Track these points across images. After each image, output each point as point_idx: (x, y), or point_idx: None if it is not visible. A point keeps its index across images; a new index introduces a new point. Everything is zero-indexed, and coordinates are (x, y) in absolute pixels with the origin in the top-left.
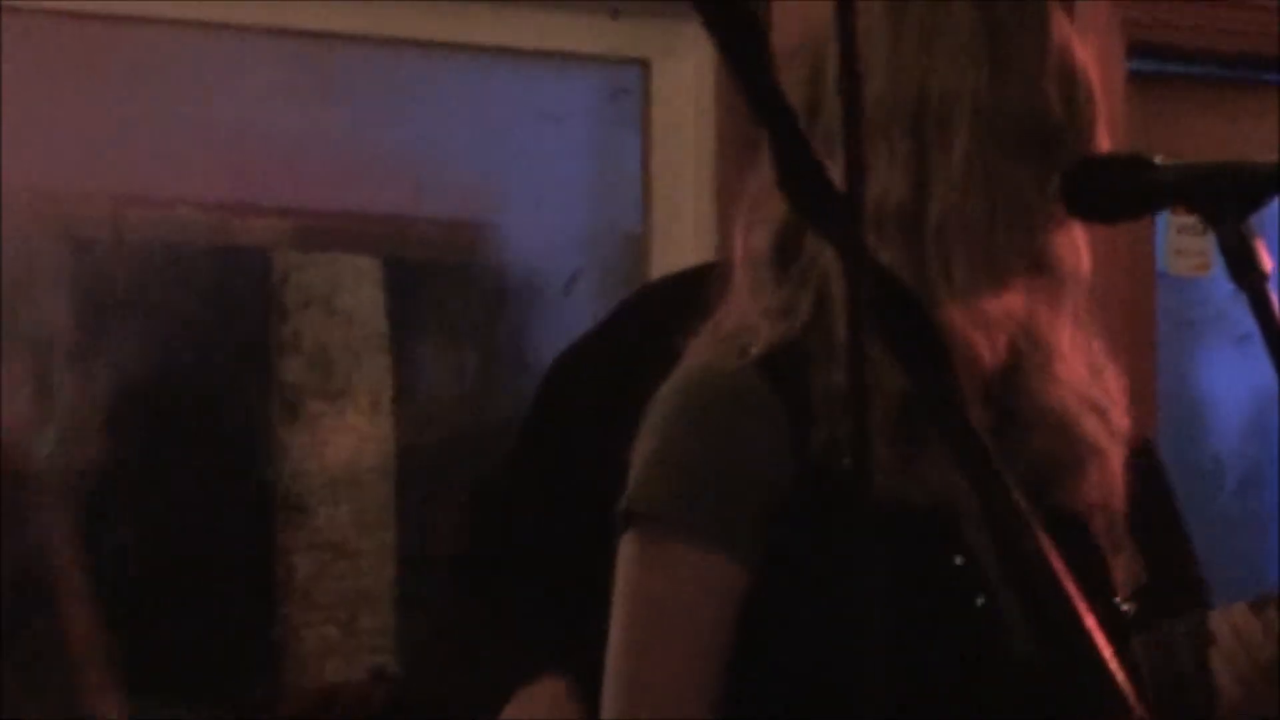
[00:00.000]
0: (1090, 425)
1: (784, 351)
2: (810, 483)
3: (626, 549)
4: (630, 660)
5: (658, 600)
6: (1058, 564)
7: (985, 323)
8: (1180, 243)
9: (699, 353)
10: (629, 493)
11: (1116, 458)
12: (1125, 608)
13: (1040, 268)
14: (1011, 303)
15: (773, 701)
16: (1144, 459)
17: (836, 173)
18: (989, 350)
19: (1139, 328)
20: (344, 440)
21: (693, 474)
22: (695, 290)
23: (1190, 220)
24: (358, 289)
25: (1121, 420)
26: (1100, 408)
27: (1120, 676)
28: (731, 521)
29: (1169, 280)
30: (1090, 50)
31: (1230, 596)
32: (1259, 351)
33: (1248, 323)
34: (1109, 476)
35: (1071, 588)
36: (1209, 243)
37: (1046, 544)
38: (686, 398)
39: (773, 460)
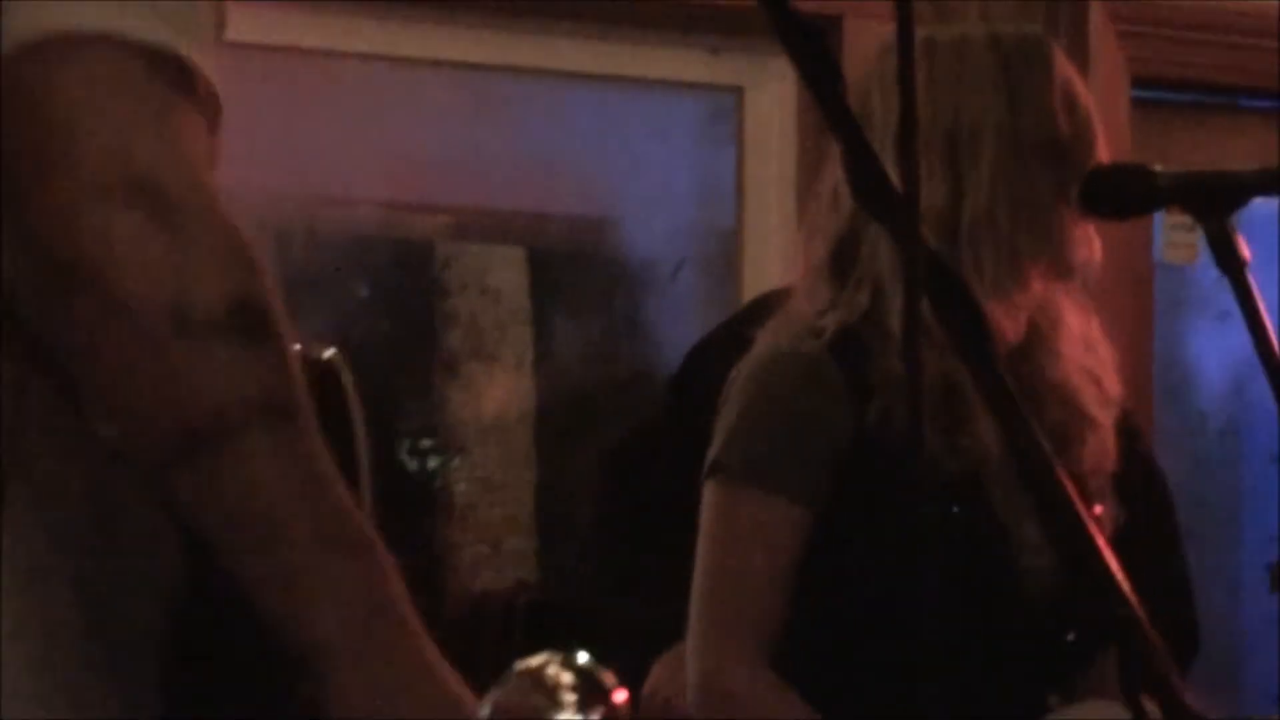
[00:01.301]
0: (1089, 395)
1: (847, 337)
2: (866, 446)
3: (710, 494)
4: (709, 579)
5: (733, 534)
6: (1079, 502)
7: (1011, 307)
8: (1173, 236)
9: (772, 338)
10: (716, 448)
11: (1109, 424)
12: None
13: (1059, 259)
14: (1034, 290)
15: (834, 613)
16: (1130, 432)
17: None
18: (1012, 330)
19: (1139, 306)
20: (493, 395)
21: (769, 435)
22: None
23: (1182, 218)
24: (505, 273)
25: (1113, 388)
26: (1095, 376)
27: (1130, 594)
28: (797, 473)
29: (1164, 267)
30: (1094, 86)
31: (1214, 516)
32: (1238, 325)
33: (1228, 302)
34: (1104, 443)
35: (1090, 522)
36: (1197, 236)
37: (1068, 484)
38: (768, 373)
39: (836, 426)
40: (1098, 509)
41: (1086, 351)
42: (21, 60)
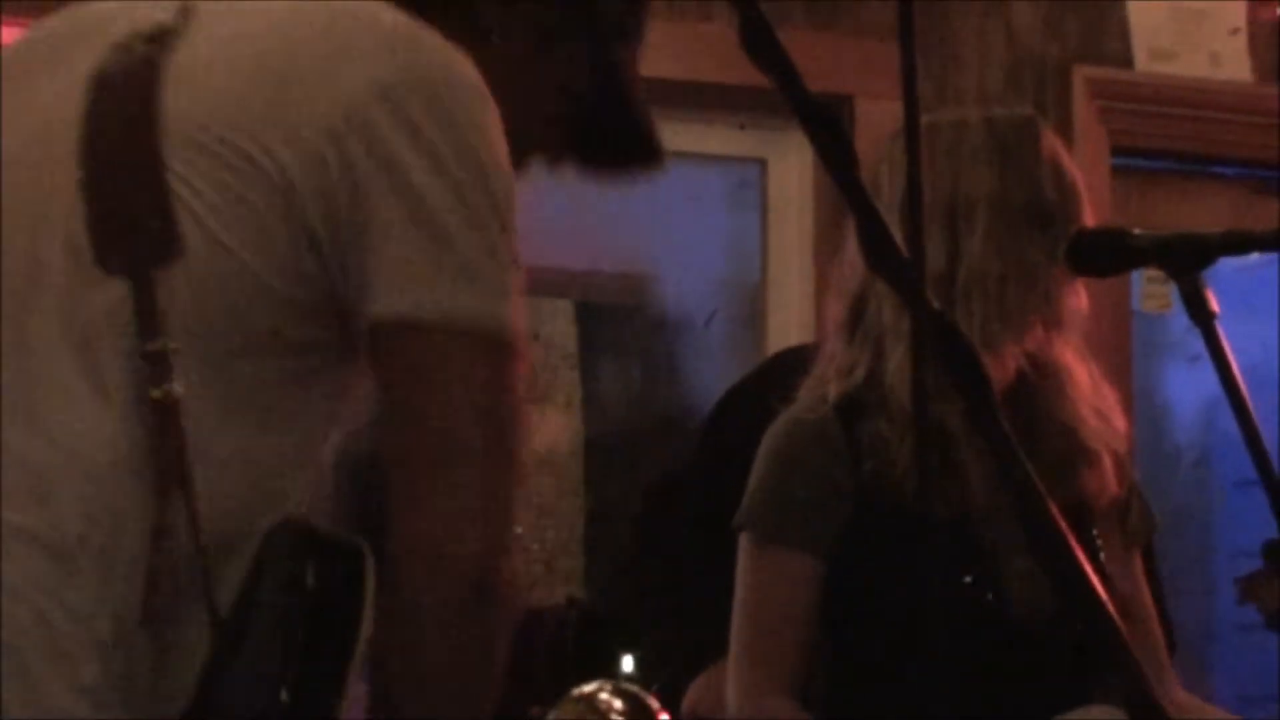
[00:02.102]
0: (1093, 429)
1: (850, 400)
2: (864, 501)
3: (741, 546)
4: (744, 623)
5: (761, 584)
6: (1069, 536)
7: (1000, 357)
8: (1150, 288)
9: (798, 401)
10: (744, 505)
11: (1111, 455)
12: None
13: (1046, 312)
14: (1023, 341)
15: (851, 644)
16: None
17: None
18: (1001, 377)
19: (1119, 350)
20: (546, 431)
21: (783, 496)
22: (814, 356)
23: (1158, 273)
24: (556, 323)
25: (1120, 423)
26: (1102, 413)
27: (1123, 634)
28: (810, 530)
29: (1141, 316)
30: (1079, 155)
31: (1189, 535)
32: (1207, 368)
33: (1199, 347)
34: (1103, 472)
35: (1080, 557)
36: (1171, 288)
37: (1061, 520)
38: (782, 440)
39: (840, 485)
40: (1096, 532)
41: (1094, 393)
42: (382, 336)
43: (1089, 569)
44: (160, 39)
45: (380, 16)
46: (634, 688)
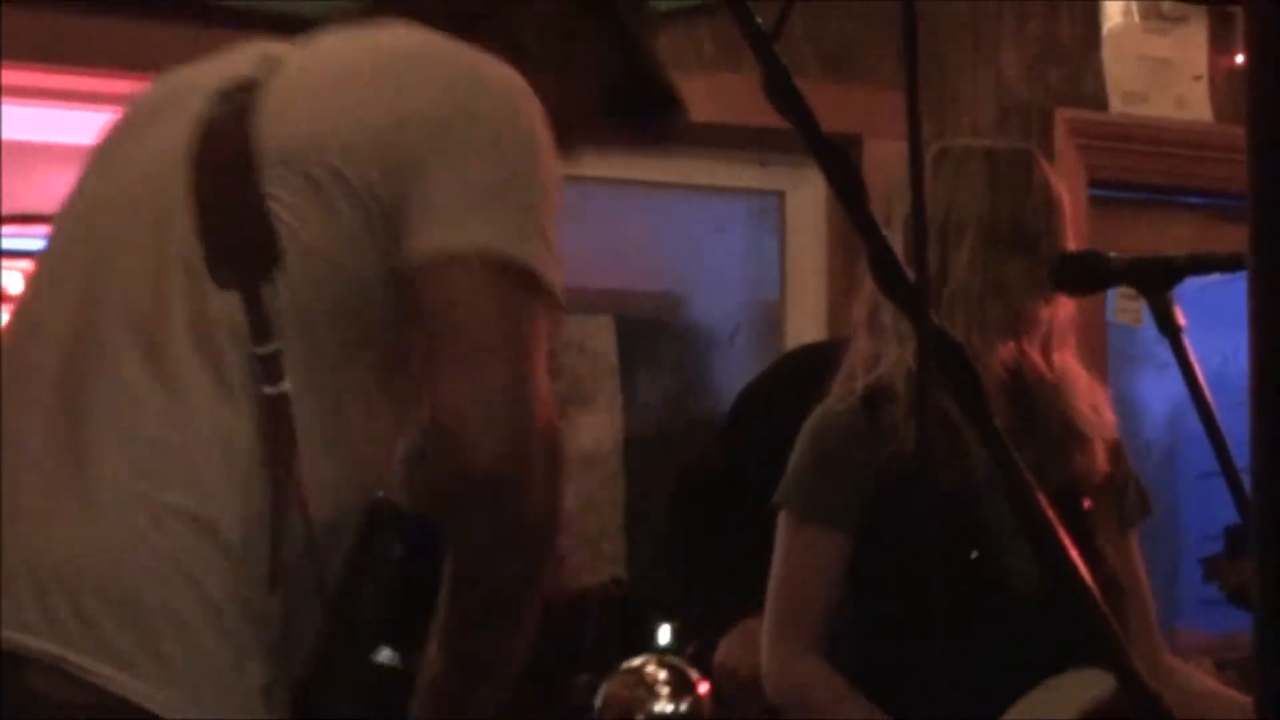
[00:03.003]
0: (1088, 417)
1: (873, 395)
2: (882, 481)
3: (780, 524)
4: (779, 591)
5: (797, 556)
6: (1054, 518)
7: (984, 363)
8: (1123, 303)
9: (832, 394)
10: (781, 489)
11: (1100, 440)
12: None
13: (1035, 323)
14: (1004, 352)
15: (876, 608)
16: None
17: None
18: (986, 378)
19: (1095, 358)
20: (589, 432)
21: (817, 480)
22: (823, 354)
23: (1130, 290)
24: (599, 336)
25: (1109, 416)
26: (1095, 406)
27: (1104, 608)
28: (841, 509)
29: (1115, 327)
30: (1064, 183)
31: (1158, 521)
32: (1174, 374)
33: (1167, 356)
34: (1093, 455)
35: (1064, 537)
36: (1142, 303)
37: (1045, 502)
38: (817, 430)
39: (865, 469)
40: (1086, 503)
41: (1089, 390)
42: (423, 271)
43: (1072, 549)
44: (250, 87)
45: (428, 41)
46: (677, 660)
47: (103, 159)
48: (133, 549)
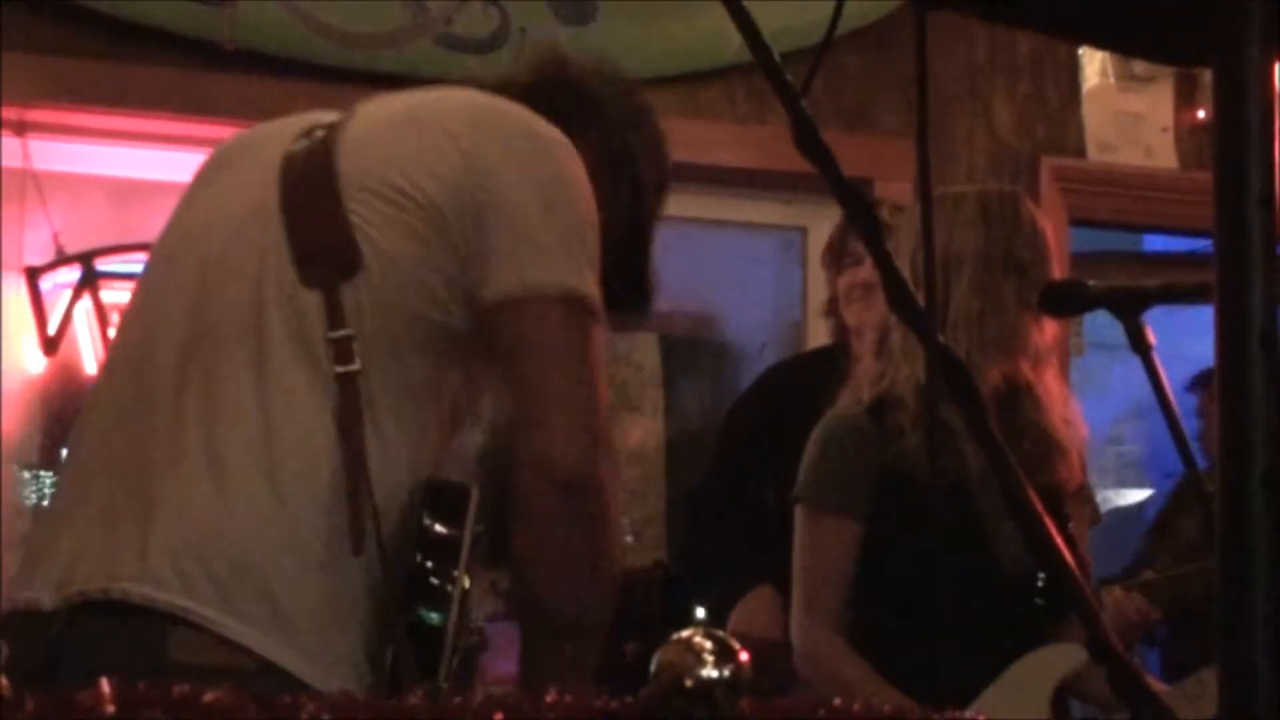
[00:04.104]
0: (1064, 430)
1: (879, 402)
2: (887, 476)
3: (798, 517)
4: (801, 575)
5: (814, 544)
6: (1042, 509)
7: (984, 377)
8: (1071, 339)
9: (840, 401)
10: (798, 484)
11: (1075, 451)
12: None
13: (1025, 342)
14: (1001, 366)
15: (884, 593)
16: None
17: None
18: (985, 391)
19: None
20: (636, 434)
21: (829, 475)
22: (809, 364)
23: (1077, 324)
24: (644, 351)
25: (1081, 428)
26: (1069, 420)
27: (1087, 591)
28: (851, 500)
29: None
30: (1048, 221)
31: (1129, 511)
32: (1111, 397)
33: (1103, 380)
34: (1071, 464)
35: (1052, 527)
36: (1084, 334)
37: (1034, 497)
38: (828, 432)
39: (871, 464)
40: (1067, 510)
41: (1065, 405)
42: (506, 305)
43: (1059, 539)
44: (330, 127)
45: (491, 98)
46: (721, 632)
47: (196, 193)
48: (261, 525)
